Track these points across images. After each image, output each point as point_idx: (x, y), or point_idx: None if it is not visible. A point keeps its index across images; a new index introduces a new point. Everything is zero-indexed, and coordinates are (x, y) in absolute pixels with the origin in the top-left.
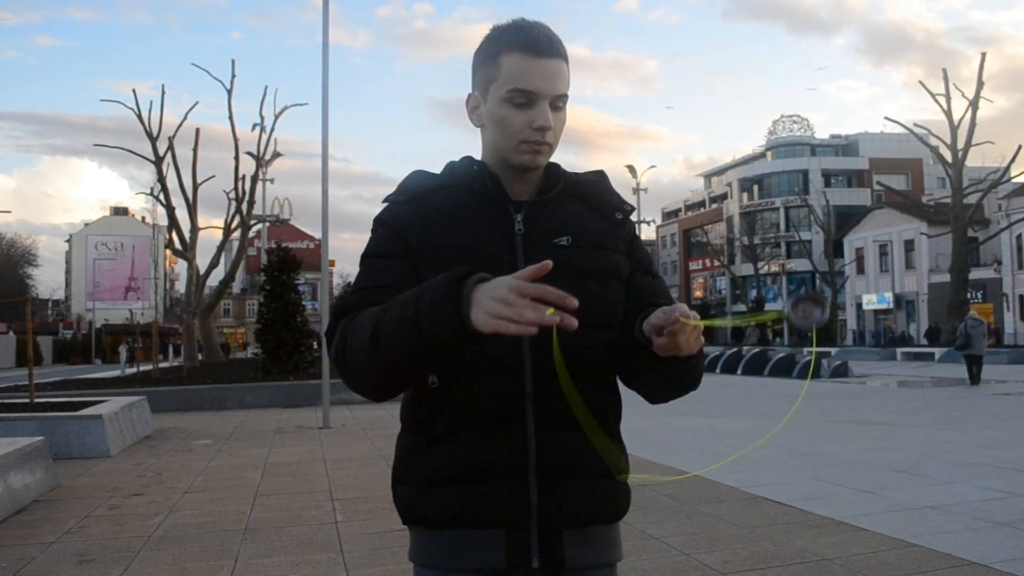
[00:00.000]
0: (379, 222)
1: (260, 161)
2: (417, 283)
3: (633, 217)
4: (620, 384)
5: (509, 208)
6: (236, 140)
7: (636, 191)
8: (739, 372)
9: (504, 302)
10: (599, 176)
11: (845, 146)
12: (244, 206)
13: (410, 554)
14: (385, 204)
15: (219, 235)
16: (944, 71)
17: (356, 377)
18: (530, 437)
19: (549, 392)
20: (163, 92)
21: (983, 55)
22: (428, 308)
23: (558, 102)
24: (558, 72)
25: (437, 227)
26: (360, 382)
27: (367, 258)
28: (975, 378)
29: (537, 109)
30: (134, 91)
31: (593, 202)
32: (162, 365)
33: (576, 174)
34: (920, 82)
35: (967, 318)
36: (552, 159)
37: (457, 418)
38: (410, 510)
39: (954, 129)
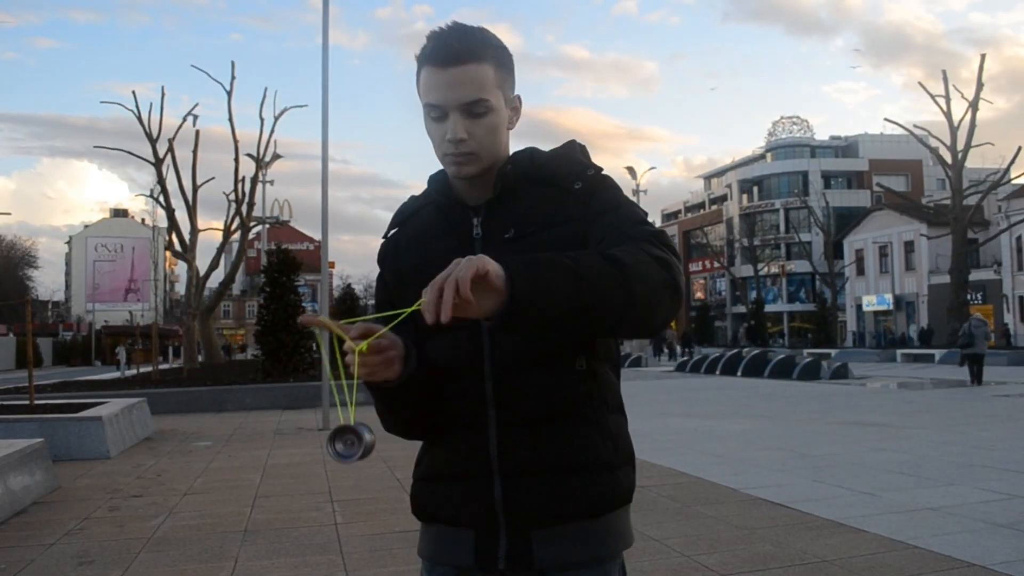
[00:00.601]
0: (378, 264)
1: (260, 163)
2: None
3: (605, 177)
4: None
5: (468, 214)
6: (236, 142)
7: (636, 192)
8: (739, 374)
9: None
10: (565, 147)
11: (845, 147)
12: (244, 208)
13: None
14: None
15: (219, 237)
16: (944, 72)
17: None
18: (491, 439)
19: (510, 393)
20: (163, 94)
21: (983, 56)
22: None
23: (473, 108)
24: (464, 79)
25: (406, 254)
26: (390, 427)
27: (377, 308)
28: (977, 377)
29: (448, 122)
30: (134, 93)
31: (551, 178)
32: (161, 367)
33: (543, 155)
34: (920, 83)
35: (971, 318)
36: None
37: (441, 421)
38: (411, 502)
39: (954, 130)
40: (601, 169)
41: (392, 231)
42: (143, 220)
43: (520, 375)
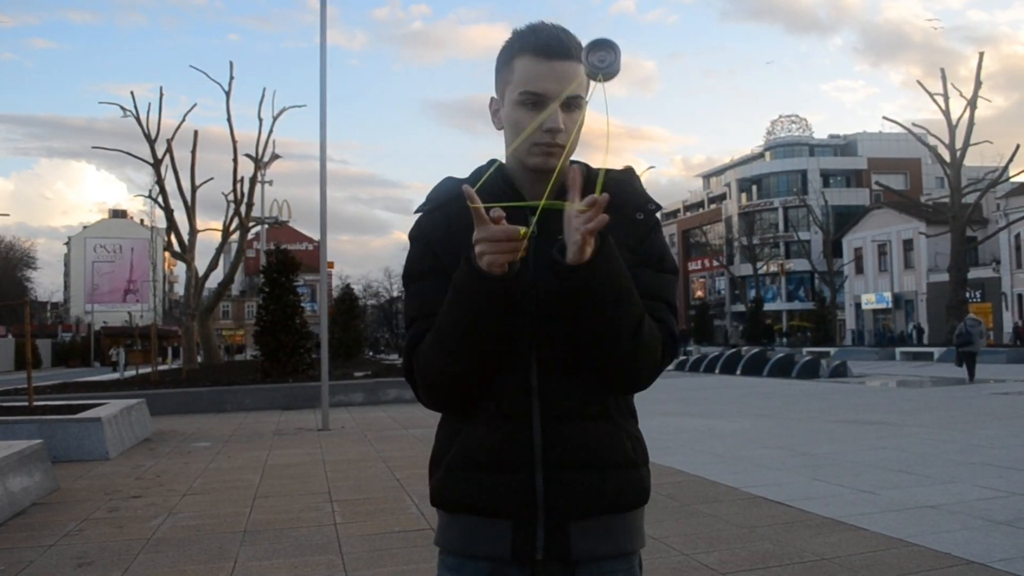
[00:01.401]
0: (411, 238)
1: (259, 163)
2: None
3: (658, 215)
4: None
5: (525, 210)
6: (235, 142)
7: None
8: (738, 372)
9: (483, 243)
10: (626, 174)
11: (843, 146)
12: (243, 208)
13: (435, 538)
14: (416, 216)
15: (218, 237)
16: (942, 71)
17: (434, 385)
18: (535, 430)
19: (554, 387)
20: (161, 94)
21: (981, 55)
22: (460, 286)
23: (572, 103)
24: (569, 74)
25: (459, 234)
26: (439, 387)
27: (408, 281)
28: (971, 373)
29: (545, 111)
30: (132, 93)
31: (614, 200)
32: (161, 368)
33: (605, 172)
34: (918, 82)
35: (967, 318)
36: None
37: (477, 411)
38: (435, 492)
39: (952, 129)
40: (660, 207)
41: (435, 207)
42: (142, 221)
43: (563, 372)
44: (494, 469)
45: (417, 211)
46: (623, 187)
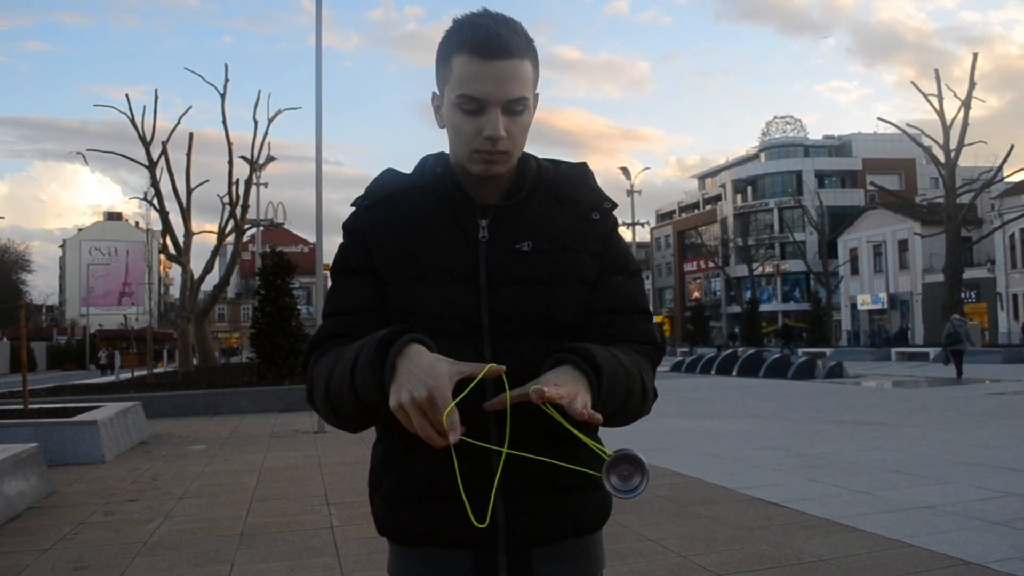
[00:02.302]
0: (345, 230)
1: (254, 165)
2: (382, 297)
3: (617, 213)
4: None
5: (475, 213)
6: (230, 144)
7: (630, 193)
8: (734, 373)
9: (415, 406)
10: (579, 170)
11: (838, 147)
12: (238, 210)
13: (388, 565)
14: (352, 208)
15: (213, 239)
16: (936, 72)
17: (325, 418)
18: (493, 456)
19: (512, 408)
20: (156, 97)
21: (975, 55)
22: (360, 371)
23: (514, 106)
24: (510, 75)
25: (400, 235)
26: (330, 422)
27: (335, 274)
28: (959, 370)
29: (487, 117)
30: (127, 96)
31: (568, 199)
32: (156, 371)
33: (555, 166)
34: (912, 83)
35: (954, 318)
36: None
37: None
38: (383, 523)
39: (947, 129)
40: (616, 204)
41: (374, 202)
42: (137, 223)
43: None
44: (449, 498)
45: (354, 203)
46: (576, 185)
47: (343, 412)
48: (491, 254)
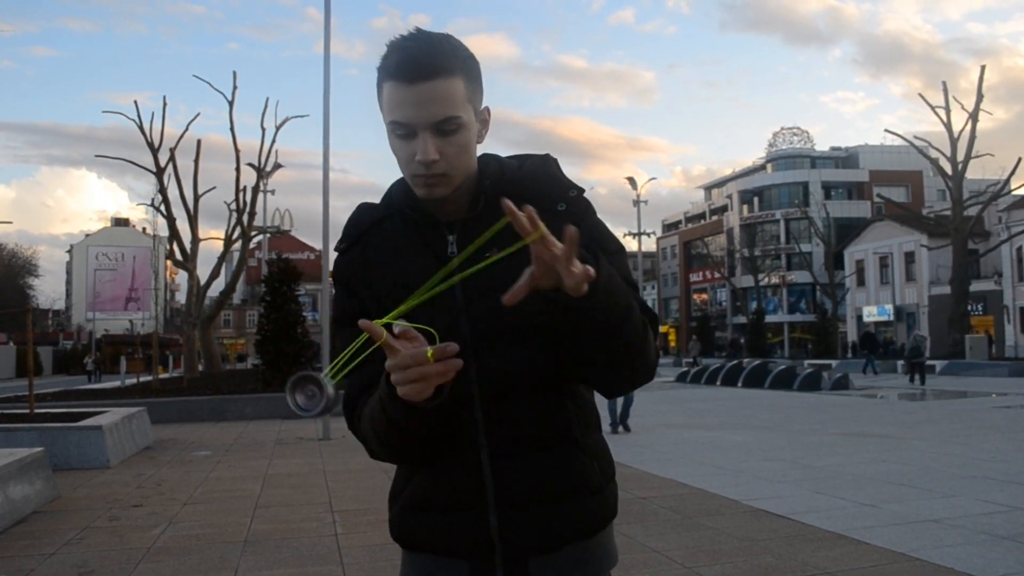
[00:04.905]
0: (333, 279)
1: (261, 172)
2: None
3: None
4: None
5: (442, 230)
6: (237, 151)
7: (637, 203)
8: (739, 384)
9: (394, 372)
10: (541, 164)
11: (845, 158)
12: (245, 217)
13: (400, 572)
14: (336, 255)
15: (220, 246)
16: (944, 84)
17: (393, 462)
18: (485, 467)
19: (502, 418)
20: (164, 103)
21: (983, 68)
22: (379, 399)
23: (444, 127)
24: (433, 96)
25: (378, 270)
26: (399, 463)
27: (336, 325)
28: (922, 380)
29: (418, 141)
30: (135, 103)
31: (533, 196)
32: (161, 376)
33: (520, 163)
34: (920, 95)
35: (915, 334)
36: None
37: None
38: (394, 528)
39: (954, 141)
40: (583, 190)
41: (350, 244)
42: (144, 229)
43: (509, 401)
44: (448, 508)
45: (336, 248)
46: (539, 178)
47: (397, 445)
48: (462, 268)
